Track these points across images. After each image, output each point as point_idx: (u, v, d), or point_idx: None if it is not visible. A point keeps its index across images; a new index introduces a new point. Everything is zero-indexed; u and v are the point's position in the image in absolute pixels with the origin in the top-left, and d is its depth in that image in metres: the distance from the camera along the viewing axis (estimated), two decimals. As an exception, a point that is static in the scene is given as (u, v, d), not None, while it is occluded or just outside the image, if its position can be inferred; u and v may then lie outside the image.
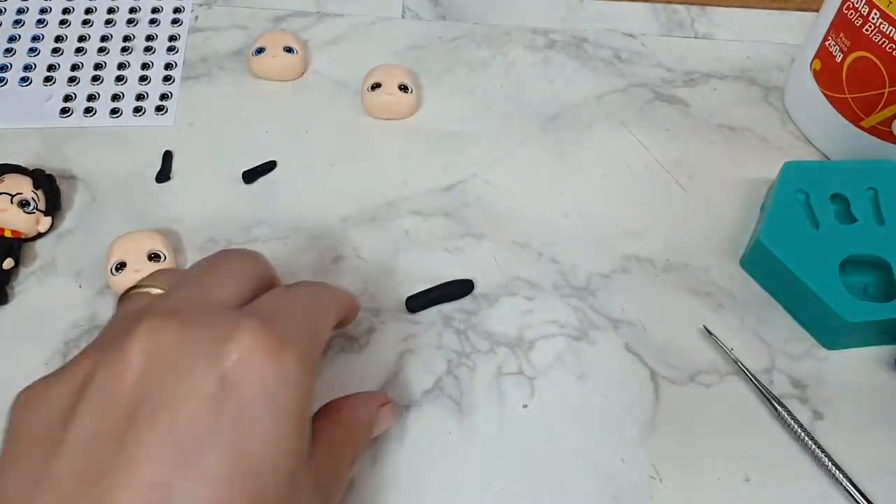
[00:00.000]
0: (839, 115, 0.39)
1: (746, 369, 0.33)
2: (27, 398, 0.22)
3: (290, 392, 0.22)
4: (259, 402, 0.21)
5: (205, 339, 0.22)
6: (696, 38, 0.47)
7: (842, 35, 0.37)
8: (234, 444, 0.20)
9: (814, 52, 0.40)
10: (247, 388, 0.21)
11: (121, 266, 0.34)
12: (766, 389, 0.33)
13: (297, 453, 0.22)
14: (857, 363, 0.34)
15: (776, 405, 0.32)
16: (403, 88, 0.41)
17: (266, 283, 0.27)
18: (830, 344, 0.35)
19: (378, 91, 0.41)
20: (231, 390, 0.21)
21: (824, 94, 0.40)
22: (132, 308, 0.24)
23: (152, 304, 0.24)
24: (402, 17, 0.47)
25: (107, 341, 0.23)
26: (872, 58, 0.36)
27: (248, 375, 0.21)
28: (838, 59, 0.38)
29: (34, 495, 0.20)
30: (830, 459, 0.31)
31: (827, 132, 0.41)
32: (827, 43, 0.39)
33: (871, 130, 0.38)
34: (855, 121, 0.39)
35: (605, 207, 0.39)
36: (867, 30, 0.36)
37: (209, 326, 0.22)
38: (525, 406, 0.33)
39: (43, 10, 0.46)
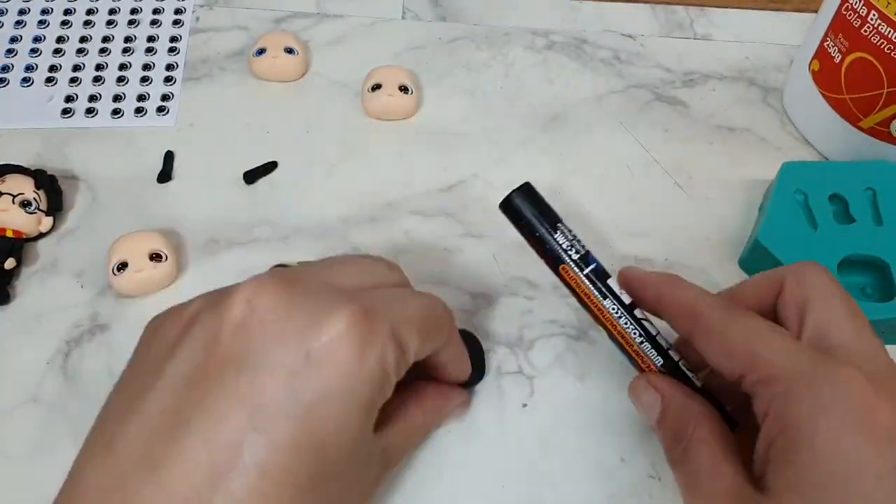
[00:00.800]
0: (838, 116, 0.39)
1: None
2: (153, 324, 0.25)
3: (363, 388, 0.23)
4: (334, 390, 0.22)
5: (303, 311, 0.23)
6: (695, 38, 0.47)
7: (840, 36, 0.37)
8: (304, 421, 0.22)
9: (812, 53, 0.40)
10: (326, 373, 0.22)
11: (122, 266, 0.34)
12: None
13: (358, 440, 0.23)
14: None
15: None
16: (404, 89, 0.41)
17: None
18: (829, 344, 0.35)
19: (378, 92, 0.41)
20: (312, 370, 0.22)
21: (823, 94, 0.40)
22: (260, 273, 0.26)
23: (270, 270, 0.26)
24: (403, 18, 0.47)
25: (215, 294, 0.25)
26: (871, 58, 0.36)
27: (331, 362, 0.22)
28: (837, 60, 0.38)
29: (125, 419, 0.22)
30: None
31: (825, 133, 0.41)
32: (825, 44, 0.39)
33: (870, 131, 0.38)
34: (853, 121, 0.39)
35: (604, 208, 0.39)
36: (866, 31, 0.36)
37: (312, 300, 0.23)
38: (525, 405, 0.33)
39: (44, 11, 0.46)
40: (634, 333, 0.27)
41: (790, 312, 0.25)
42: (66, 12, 0.46)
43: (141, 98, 0.42)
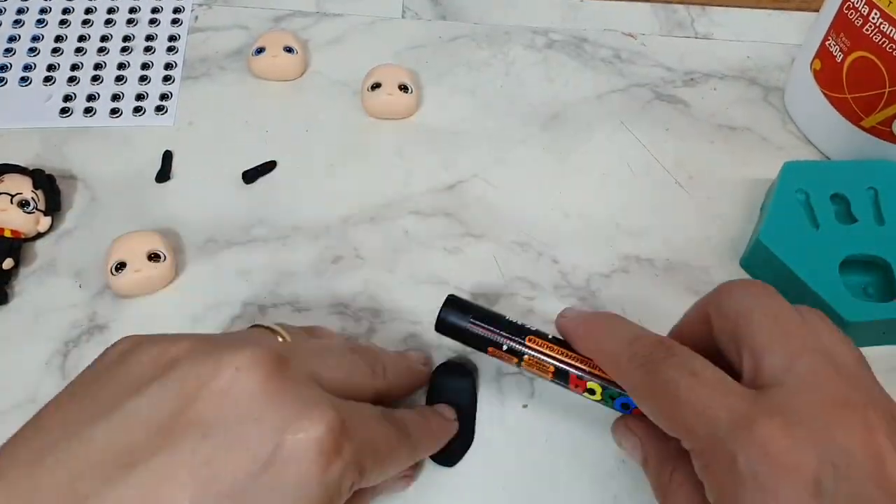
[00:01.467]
0: (839, 115, 0.39)
1: None
2: (128, 347, 0.24)
3: (322, 496, 0.22)
4: (289, 491, 0.21)
5: (287, 402, 0.22)
6: (696, 37, 0.47)
7: (842, 35, 0.37)
8: None
9: (814, 52, 0.40)
10: (289, 474, 0.21)
11: (121, 266, 0.34)
12: None
13: None
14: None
15: None
16: (403, 88, 0.41)
17: (387, 390, 0.28)
18: (830, 344, 0.35)
19: (378, 91, 0.41)
20: (276, 466, 0.21)
21: (824, 93, 0.40)
22: (253, 338, 0.25)
23: (268, 341, 0.25)
24: (403, 16, 0.47)
25: (215, 339, 0.24)
26: (872, 58, 0.36)
27: (298, 462, 0.21)
28: (838, 59, 0.38)
29: (63, 444, 0.21)
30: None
31: (827, 132, 0.41)
32: (827, 43, 0.39)
33: (872, 130, 0.38)
34: (855, 120, 0.38)
35: (605, 207, 0.39)
36: (867, 30, 0.36)
37: (296, 392, 0.23)
38: (525, 406, 0.33)
39: (43, 11, 0.46)
40: (595, 382, 0.28)
41: (726, 346, 0.24)
42: (65, 11, 0.46)
43: (139, 97, 0.42)
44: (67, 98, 0.42)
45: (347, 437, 0.22)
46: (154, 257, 0.34)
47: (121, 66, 0.43)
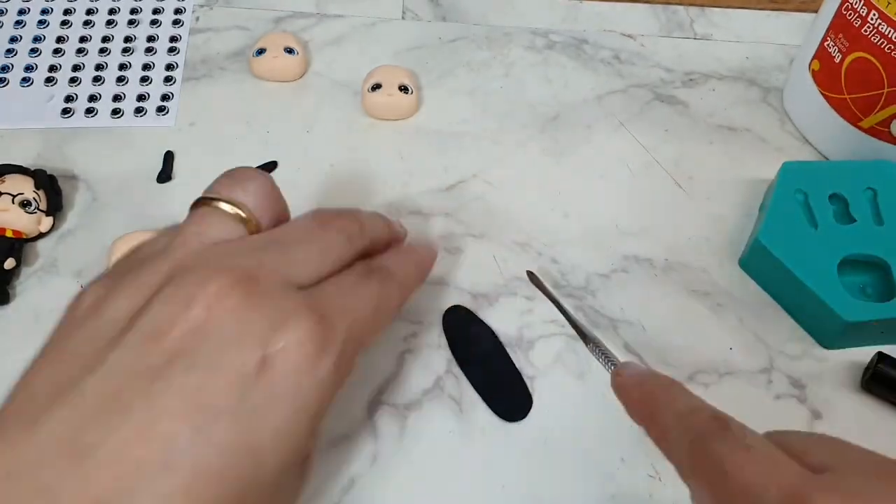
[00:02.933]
0: (838, 116, 0.39)
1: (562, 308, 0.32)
2: (86, 302, 0.23)
3: (315, 395, 0.23)
4: (285, 396, 0.22)
5: (262, 315, 0.22)
6: (695, 38, 0.47)
7: (840, 36, 0.37)
8: (248, 424, 0.21)
9: (812, 53, 0.40)
10: (279, 381, 0.22)
11: (122, 266, 0.34)
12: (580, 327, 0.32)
13: (296, 450, 0.23)
14: (855, 363, 0.35)
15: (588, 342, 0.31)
16: (403, 89, 0.41)
17: (367, 249, 0.28)
18: (829, 344, 0.35)
19: (378, 92, 0.41)
20: (265, 376, 0.22)
21: (823, 94, 0.40)
22: (211, 234, 0.25)
23: (231, 256, 0.24)
24: (402, 18, 0.47)
25: (179, 269, 0.23)
26: (871, 58, 0.36)
27: (285, 368, 0.22)
28: (837, 60, 0.38)
29: (56, 401, 0.21)
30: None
31: (826, 132, 0.41)
32: (826, 43, 0.39)
33: (870, 131, 0.38)
34: (854, 121, 0.39)
35: (604, 207, 0.39)
36: (866, 30, 0.36)
37: (270, 303, 0.23)
38: (525, 405, 0.33)
39: (44, 11, 0.46)
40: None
41: None
42: (66, 12, 0.46)
43: (141, 98, 0.42)
44: (69, 98, 0.42)
45: (330, 330, 0.23)
46: (155, 257, 0.34)
47: (122, 66, 0.44)
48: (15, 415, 0.21)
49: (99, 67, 0.43)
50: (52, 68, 0.43)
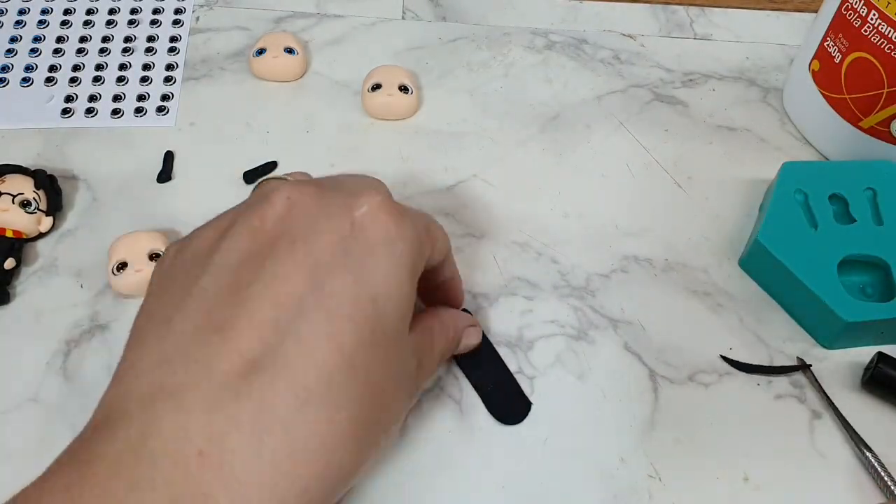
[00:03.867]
0: (838, 116, 0.39)
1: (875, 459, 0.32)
2: (175, 248, 0.26)
3: (406, 247, 0.25)
4: (382, 246, 0.24)
5: (339, 196, 0.25)
6: (695, 38, 0.47)
7: (840, 36, 0.37)
8: (360, 273, 0.24)
9: (812, 53, 0.40)
10: (373, 233, 0.24)
11: (122, 266, 0.34)
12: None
13: (408, 299, 0.25)
14: (855, 363, 0.35)
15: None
16: (403, 89, 0.41)
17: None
18: (829, 343, 0.35)
19: (378, 92, 0.41)
20: (360, 232, 0.24)
21: (823, 94, 0.40)
22: (271, 184, 0.27)
23: (289, 180, 0.27)
24: (403, 18, 0.47)
25: (248, 202, 0.26)
26: (871, 58, 0.36)
27: (374, 224, 0.25)
28: (837, 60, 0.38)
29: (182, 302, 0.23)
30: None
31: (826, 132, 0.41)
32: (826, 43, 0.39)
33: (870, 131, 0.38)
34: (853, 121, 0.39)
35: (604, 207, 0.39)
36: (866, 31, 0.36)
37: (342, 191, 0.26)
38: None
39: (44, 11, 0.46)
40: None
41: None
42: (66, 12, 0.46)
43: (141, 98, 0.42)
44: (69, 98, 0.42)
45: (398, 206, 0.25)
46: (155, 257, 0.34)
47: (122, 66, 0.44)
48: (152, 321, 0.24)
49: (99, 67, 0.43)
50: (52, 68, 0.43)
